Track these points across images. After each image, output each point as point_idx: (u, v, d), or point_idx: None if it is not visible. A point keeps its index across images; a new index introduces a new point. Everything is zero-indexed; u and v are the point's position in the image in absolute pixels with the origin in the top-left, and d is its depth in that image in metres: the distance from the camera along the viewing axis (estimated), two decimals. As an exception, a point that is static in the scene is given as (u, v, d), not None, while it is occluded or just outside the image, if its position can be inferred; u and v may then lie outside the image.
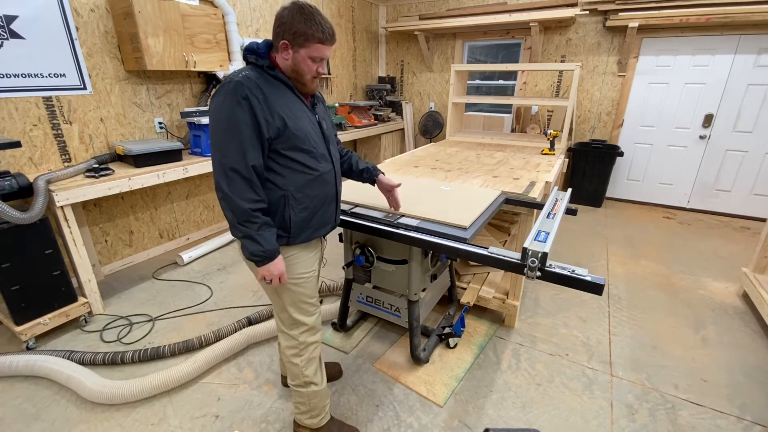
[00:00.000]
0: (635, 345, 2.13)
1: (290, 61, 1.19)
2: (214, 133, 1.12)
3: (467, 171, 2.46)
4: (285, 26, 1.16)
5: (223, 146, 1.11)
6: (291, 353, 1.39)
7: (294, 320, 1.35)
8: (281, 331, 1.39)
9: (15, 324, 1.98)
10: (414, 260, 1.75)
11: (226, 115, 1.10)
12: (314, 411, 1.47)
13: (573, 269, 1.24)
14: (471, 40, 5.02)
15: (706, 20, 3.53)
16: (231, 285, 2.72)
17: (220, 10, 3.09)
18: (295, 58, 1.18)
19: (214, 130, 1.12)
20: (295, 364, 1.39)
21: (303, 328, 1.36)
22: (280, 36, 1.17)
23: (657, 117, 4.25)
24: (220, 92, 1.12)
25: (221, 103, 1.11)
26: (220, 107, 1.11)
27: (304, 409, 1.47)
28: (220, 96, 1.12)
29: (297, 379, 1.42)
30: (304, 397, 1.44)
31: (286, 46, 1.17)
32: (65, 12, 2.34)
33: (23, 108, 2.27)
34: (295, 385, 1.43)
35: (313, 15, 1.16)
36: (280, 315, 1.37)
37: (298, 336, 1.36)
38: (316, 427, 1.50)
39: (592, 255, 3.21)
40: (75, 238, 2.20)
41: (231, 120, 1.09)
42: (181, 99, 3.11)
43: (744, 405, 1.74)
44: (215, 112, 1.12)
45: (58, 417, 1.64)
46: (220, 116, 1.11)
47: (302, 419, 1.49)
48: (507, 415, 1.68)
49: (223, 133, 1.10)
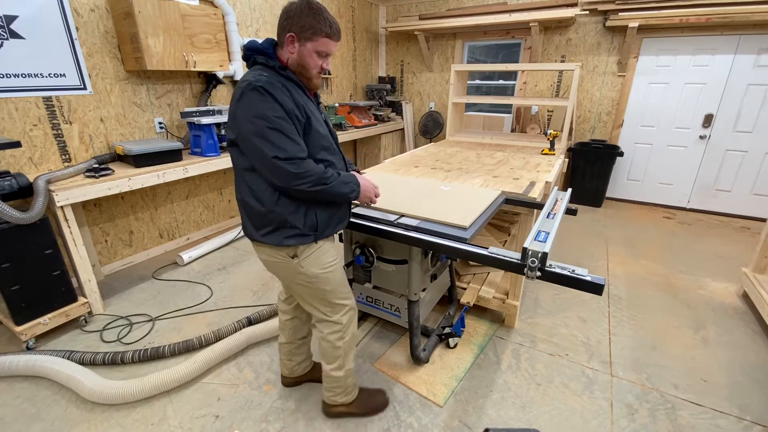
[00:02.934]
0: (635, 345, 2.13)
1: (296, 54, 1.20)
2: (258, 136, 1.12)
3: (467, 171, 2.46)
4: (292, 19, 1.16)
5: (274, 142, 1.12)
6: (335, 337, 1.45)
7: (334, 305, 1.42)
8: (322, 321, 1.45)
9: (15, 324, 1.98)
10: (414, 260, 1.75)
11: (262, 114, 1.11)
12: (348, 388, 1.58)
13: (573, 269, 1.24)
14: (471, 40, 5.02)
15: (706, 20, 3.53)
16: (231, 285, 2.72)
17: (220, 10, 3.09)
18: (301, 52, 1.19)
19: (256, 133, 1.12)
20: (339, 347, 1.46)
21: (344, 309, 1.44)
22: (287, 29, 1.17)
23: (657, 117, 4.25)
24: (248, 95, 1.12)
25: (252, 104, 1.11)
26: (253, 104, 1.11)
27: (339, 390, 1.56)
28: (248, 99, 1.12)
29: (335, 362, 1.49)
30: (341, 380, 1.53)
31: (292, 39, 1.18)
32: (65, 12, 2.34)
33: (23, 108, 2.27)
34: (333, 369, 1.50)
35: (321, 10, 1.18)
36: (320, 307, 1.42)
37: (341, 319, 1.44)
38: (351, 401, 1.61)
39: (592, 255, 3.21)
40: (75, 238, 2.20)
41: (268, 118, 1.11)
42: (181, 99, 3.11)
43: (744, 405, 1.74)
44: (250, 114, 1.11)
45: (58, 417, 1.64)
46: (258, 116, 1.11)
47: (336, 400, 1.59)
48: (507, 415, 1.68)
49: (269, 132, 1.11)
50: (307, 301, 1.44)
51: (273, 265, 1.34)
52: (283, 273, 1.36)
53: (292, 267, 1.31)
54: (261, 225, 1.26)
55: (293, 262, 1.30)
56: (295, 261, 1.29)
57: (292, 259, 1.29)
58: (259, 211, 1.23)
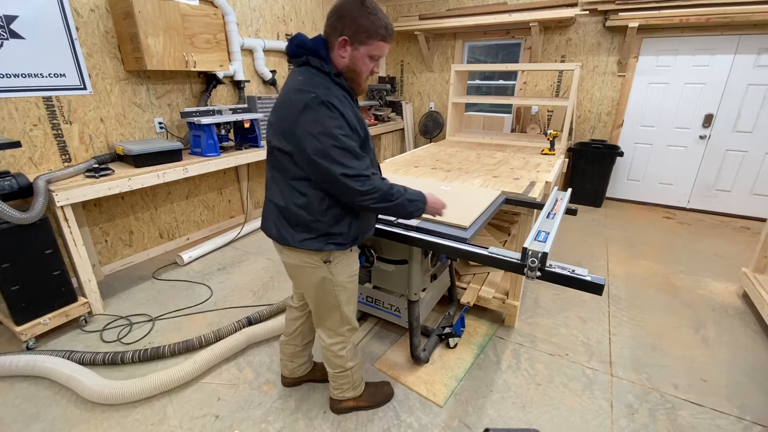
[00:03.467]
0: (635, 345, 2.13)
1: (347, 59, 1.14)
2: (324, 155, 1.08)
3: (467, 171, 2.46)
4: (345, 21, 1.09)
5: (342, 161, 1.09)
6: (338, 348, 1.47)
7: (345, 319, 1.43)
8: (328, 331, 1.46)
9: (15, 324, 1.98)
10: (414, 260, 1.75)
11: (330, 132, 1.07)
12: (356, 383, 1.60)
13: (573, 269, 1.24)
14: (471, 40, 5.02)
15: (706, 20, 3.53)
16: (231, 285, 2.72)
17: (220, 10, 3.09)
18: (354, 56, 1.13)
19: (323, 151, 1.08)
20: (342, 356, 1.49)
21: (351, 325, 1.46)
22: (338, 31, 1.10)
23: (657, 117, 4.25)
24: (315, 109, 1.07)
25: (320, 120, 1.07)
26: (321, 124, 1.07)
27: (347, 387, 1.59)
28: (315, 114, 1.07)
29: (340, 367, 1.51)
30: (348, 377, 1.55)
31: (345, 43, 1.11)
32: (65, 12, 2.34)
33: (23, 108, 2.27)
34: (339, 372, 1.53)
35: (376, 9, 1.11)
36: (331, 316, 1.42)
37: (346, 332, 1.46)
38: (359, 395, 1.63)
39: (592, 255, 3.21)
40: (75, 238, 2.20)
41: (336, 137, 1.08)
42: (181, 99, 3.11)
43: (744, 405, 1.74)
44: (316, 130, 1.07)
45: (58, 417, 1.64)
46: (326, 134, 1.07)
47: (344, 395, 1.60)
48: (507, 415, 1.68)
49: (336, 151, 1.08)
50: (320, 311, 1.42)
51: (301, 270, 1.31)
52: (309, 279, 1.32)
53: (322, 273, 1.29)
54: (302, 231, 1.23)
55: (324, 267, 1.29)
56: (327, 266, 1.29)
57: (325, 264, 1.28)
58: (305, 219, 1.21)
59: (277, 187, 1.24)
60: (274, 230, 1.28)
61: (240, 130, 3.29)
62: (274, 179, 1.25)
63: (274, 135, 1.18)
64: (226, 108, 3.09)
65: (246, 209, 3.90)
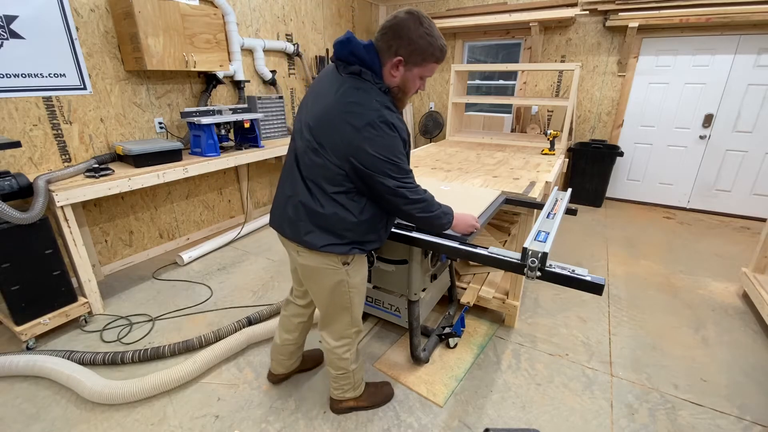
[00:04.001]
0: (635, 345, 2.13)
1: (399, 79, 1.14)
2: (382, 171, 1.12)
3: (467, 171, 2.46)
4: (403, 40, 1.08)
5: (396, 176, 1.14)
6: (343, 350, 1.48)
7: (354, 320, 1.44)
8: (335, 333, 1.46)
9: (15, 324, 1.98)
10: (414, 260, 1.75)
11: (391, 151, 1.11)
12: (357, 383, 1.61)
13: (573, 269, 1.24)
14: (471, 40, 5.02)
15: (706, 20, 3.53)
16: (231, 285, 2.72)
17: (220, 10, 3.09)
18: (406, 77, 1.14)
19: (380, 168, 1.12)
20: (346, 358, 1.49)
21: (357, 327, 1.48)
22: (394, 50, 1.10)
23: (657, 117, 4.25)
24: (378, 128, 1.08)
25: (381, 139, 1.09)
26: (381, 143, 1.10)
27: (348, 387, 1.59)
28: (377, 132, 1.09)
29: (343, 369, 1.52)
30: (350, 378, 1.56)
31: (399, 63, 1.11)
32: (65, 12, 2.34)
33: (23, 108, 2.27)
34: (341, 373, 1.54)
35: (432, 29, 1.11)
36: (341, 318, 1.42)
37: (352, 334, 1.48)
38: (359, 395, 1.64)
39: (592, 255, 3.21)
40: (75, 238, 2.20)
41: (395, 155, 1.12)
42: (181, 99, 3.11)
43: (744, 405, 1.74)
44: (377, 148, 1.10)
45: (58, 417, 1.64)
46: (386, 153, 1.11)
47: (345, 396, 1.61)
48: (507, 415, 1.68)
49: (392, 168, 1.13)
50: (331, 313, 1.41)
51: (320, 272, 1.30)
52: (326, 281, 1.31)
53: (340, 274, 1.30)
54: (331, 236, 1.22)
55: (343, 269, 1.30)
56: (345, 269, 1.30)
57: (344, 266, 1.29)
58: (338, 227, 1.21)
59: (309, 191, 1.20)
60: (295, 231, 1.25)
61: (240, 130, 3.29)
62: (307, 182, 1.21)
63: (319, 141, 1.15)
64: (226, 108, 3.09)
65: (246, 209, 3.90)
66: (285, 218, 1.28)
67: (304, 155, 1.21)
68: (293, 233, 1.26)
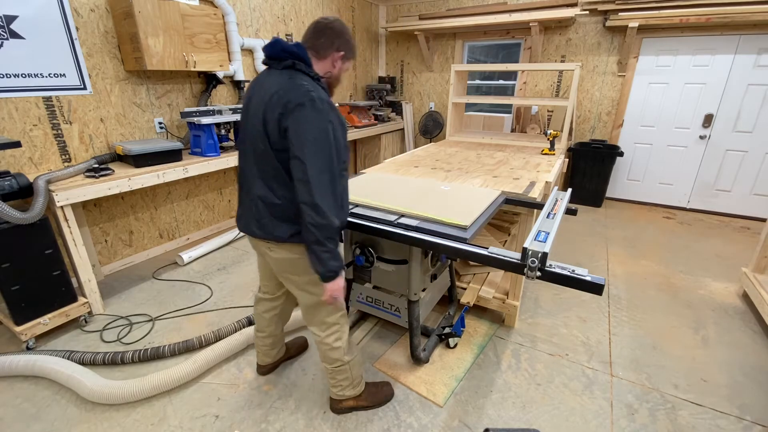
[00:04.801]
0: (635, 345, 2.13)
1: (337, 70, 1.29)
2: (318, 154, 1.14)
3: (467, 171, 2.46)
4: (342, 39, 1.26)
5: (330, 166, 1.16)
6: (333, 338, 1.49)
7: (336, 306, 1.45)
8: (322, 322, 1.48)
9: (15, 324, 1.98)
10: (414, 260, 1.75)
11: (325, 135, 1.14)
12: (356, 380, 1.61)
13: (573, 269, 1.24)
14: (471, 40, 5.02)
15: (706, 20, 3.53)
16: (231, 285, 2.72)
17: (220, 10, 3.09)
18: (341, 69, 1.30)
19: (319, 149, 1.14)
20: (337, 347, 1.50)
21: (342, 311, 1.51)
22: (335, 46, 1.25)
23: (657, 117, 4.25)
24: (317, 111, 1.12)
25: (319, 121, 1.13)
26: (319, 125, 1.13)
27: (347, 384, 1.59)
28: (316, 113, 1.13)
29: (338, 361, 1.52)
30: (347, 372, 1.56)
31: (341, 57, 1.28)
32: (65, 12, 2.34)
33: (23, 108, 2.27)
34: (337, 366, 1.54)
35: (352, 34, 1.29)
36: (323, 307, 1.44)
37: (339, 320, 1.50)
38: (359, 394, 1.64)
39: (592, 255, 3.21)
40: (75, 238, 2.20)
41: (329, 141, 1.15)
42: (181, 99, 3.11)
43: (744, 405, 1.74)
44: (316, 131, 1.13)
45: (58, 417, 1.64)
46: (322, 136, 1.14)
47: (344, 394, 1.61)
48: (507, 415, 1.68)
49: (326, 155, 1.15)
50: (312, 305, 1.44)
51: (295, 263, 1.34)
52: (299, 270, 1.36)
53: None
54: (291, 225, 1.27)
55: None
56: None
57: None
58: (290, 213, 1.25)
59: (265, 186, 1.26)
60: (262, 228, 1.30)
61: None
62: (262, 178, 1.26)
63: (265, 132, 1.20)
64: (226, 108, 3.09)
65: (246, 209, 3.89)
66: (251, 218, 1.32)
67: (253, 153, 1.26)
68: (261, 231, 1.30)
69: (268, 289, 1.66)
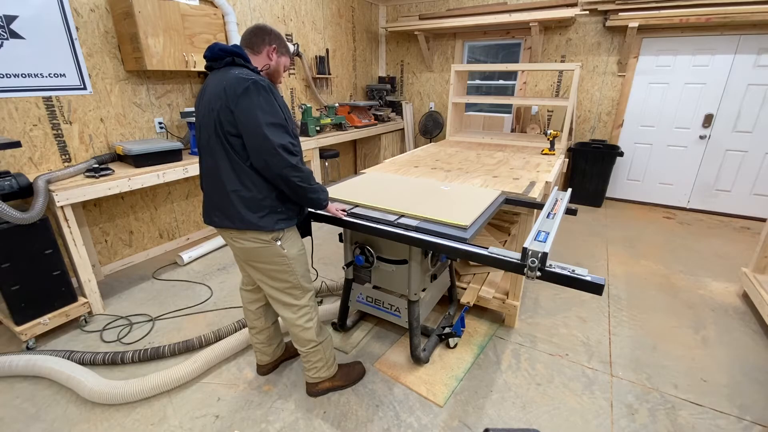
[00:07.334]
0: (635, 345, 2.13)
1: (274, 62, 1.43)
2: (272, 125, 1.24)
3: (467, 171, 2.46)
4: (272, 35, 1.41)
5: (280, 132, 1.26)
6: (305, 320, 1.57)
7: (303, 288, 1.54)
8: (292, 305, 1.54)
9: (15, 324, 1.98)
10: (414, 260, 1.75)
11: (271, 106, 1.25)
12: (329, 360, 1.70)
13: (573, 269, 1.24)
14: (471, 40, 5.02)
15: (706, 20, 3.53)
16: (231, 285, 2.72)
17: (220, 10, 3.09)
18: (278, 62, 1.44)
19: (269, 121, 1.24)
20: (309, 328, 1.58)
21: (310, 293, 1.58)
22: (267, 41, 1.39)
23: (657, 117, 4.26)
24: (259, 90, 1.23)
25: (261, 96, 1.23)
26: (262, 99, 1.23)
27: (321, 365, 1.67)
28: (260, 93, 1.23)
29: (312, 342, 1.60)
30: (321, 352, 1.64)
31: (274, 50, 1.41)
32: (65, 12, 2.34)
33: (23, 108, 2.27)
34: (312, 348, 1.61)
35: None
36: (291, 292, 1.52)
37: (308, 302, 1.57)
38: (333, 375, 1.73)
39: (592, 255, 3.21)
40: (75, 238, 2.20)
41: (278, 112, 1.26)
42: (181, 99, 3.11)
43: (744, 405, 1.74)
44: (265, 103, 1.24)
45: (58, 417, 1.64)
46: (268, 108, 1.24)
47: (320, 375, 1.69)
48: (507, 415, 1.68)
49: (278, 123, 1.25)
50: (277, 288, 1.51)
51: (254, 251, 1.41)
52: (266, 258, 1.43)
53: (275, 250, 1.41)
54: (257, 211, 1.35)
55: (276, 245, 1.41)
56: (278, 244, 1.41)
57: (277, 242, 1.41)
58: (256, 199, 1.33)
59: (230, 174, 1.32)
60: (223, 218, 1.37)
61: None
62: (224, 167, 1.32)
63: (217, 124, 1.28)
64: (226, 108, 3.09)
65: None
66: (214, 210, 1.40)
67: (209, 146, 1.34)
68: (223, 220, 1.37)
69: (248, 280, 1.69)
